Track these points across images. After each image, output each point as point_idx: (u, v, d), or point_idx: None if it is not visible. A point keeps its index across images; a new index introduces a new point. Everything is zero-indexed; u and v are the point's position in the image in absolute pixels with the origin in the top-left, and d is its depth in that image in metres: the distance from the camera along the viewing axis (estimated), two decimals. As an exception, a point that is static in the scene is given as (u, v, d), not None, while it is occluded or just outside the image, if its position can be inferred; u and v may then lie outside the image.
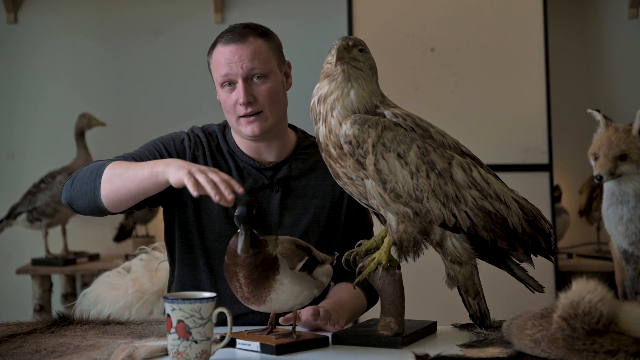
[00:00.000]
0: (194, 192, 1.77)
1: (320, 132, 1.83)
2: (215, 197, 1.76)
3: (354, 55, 1.81)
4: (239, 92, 2.07)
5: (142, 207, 2.10)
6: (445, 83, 3.97)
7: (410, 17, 4.00)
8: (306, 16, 4.38)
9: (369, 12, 4.00)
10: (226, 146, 2.17)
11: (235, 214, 1.69)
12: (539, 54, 3.95)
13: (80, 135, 4.08)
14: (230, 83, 2.08)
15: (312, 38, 4.30)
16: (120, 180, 1.95)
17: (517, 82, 3.96)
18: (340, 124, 1.80)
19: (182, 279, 2.17)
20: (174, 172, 1.84)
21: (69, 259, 4.06)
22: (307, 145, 2.22)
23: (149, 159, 2.07)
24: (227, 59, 2.07)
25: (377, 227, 2.12)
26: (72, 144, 4.11)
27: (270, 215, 2.12)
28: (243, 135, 2.13)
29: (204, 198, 2.00)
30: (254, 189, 2.13)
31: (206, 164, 2.13)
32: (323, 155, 1.85)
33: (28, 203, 4.03)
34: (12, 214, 4.07)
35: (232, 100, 2.08)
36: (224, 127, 2.21)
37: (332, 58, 1.82)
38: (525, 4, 3.98)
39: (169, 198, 2.12)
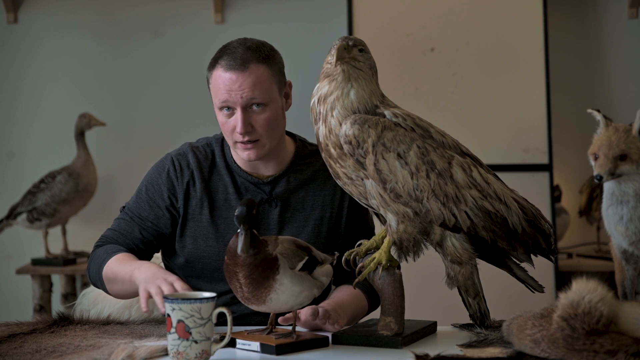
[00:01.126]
0: (143, 309, 1.83)
1: (320, 132, 1.83)
2: (161, 308, 1.76)
3: (354, 55, 1.81)
4: (236, 121, 2.03)
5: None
6: (445, 83, 3.97)
7: (410, 17, 4.00)
8: (306, 16, 4.38)
9: (369, 12, 4.00)
10: (223, 161, 2.15)
11: (236, 214, 1.69)
12: (539, 54, 3.94)
13: (80, 135, 4.08)
14: (229, 108, 2.04)
15: (312, 38, 4.30)
16: (116, 285, 2.02)
17: (517, 82, 3.96)
18: (340, 124, 1.80)
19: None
20: (140, 285, 1.88)
21: (69, 259, 4.06)
22: (306, 154, 2.19)
23: (147, 214, 2.13)
24: (227, 86, 2.02)
25: (377, 227, 2.12)
26: (72, 144, 4.11)
27: (269, 230, 2.11)
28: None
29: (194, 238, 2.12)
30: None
31: (200, 183, 2.13)
32: (323, 155, 1.85)
33: (28, 203, 4.03)
34: (12, 214, 4.07)
35: (229, 126, 2.05)
36: (222, 139, 2.19)
37: (332, 58, 1.82)
38: (525, 4, 3.98)
39: (167, 243, 2.17)
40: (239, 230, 1.69)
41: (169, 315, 1.62)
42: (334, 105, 1.81)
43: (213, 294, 1.67)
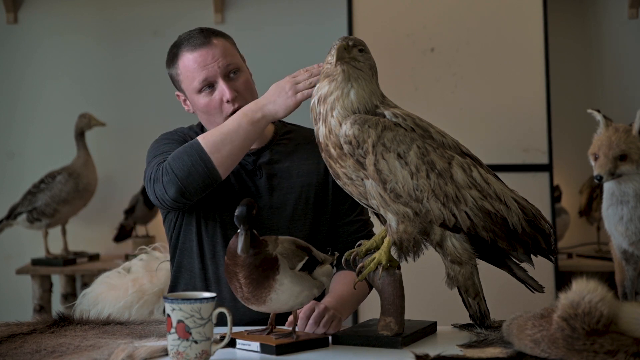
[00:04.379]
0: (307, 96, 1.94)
1: (320, 132, 1.83)
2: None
3: (354, 56, 1.81)
4: (222, 91, 2.11)
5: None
6: (445, 83, 3.97)
7: (410, 17, 4.00)
8: (306, 16, 4.38)
9: (369, 12, 4.00)
10: None
11: (235, 214, 1.69)
12: (539, 54, 3.94)
13: (80, 135, 4.08)
14: (210, 85, 2.12)
15: (312, 38, 4.30)
16: (227, 143, 1.98)
17: (517, 82, 3.96)
18: (340, 124, 1.80)
19: (178, 264, 2.21)
20: (279, 108, 1.98)
21: (68, 259, 4.06)
22: (285, 132, 2.27)
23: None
24: (200, 62, 2.11)
25: (378, 227, 2.12)
26: (72, 144, 4.11)
27: (259, 196, 2.16)
28: None
29: (206, 207, 2.12)
30: (239, 176, 2.16)
31: None
32: (323, 155, 1.85)
33: (28, 203, 4.03)
34: (12, 214, 4.07)
35: (215, 101, 2.12)
36: (201, 127, 2.24)
37: (332, 58, 1.82)
38: (525, 4, 3.98)
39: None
40: (239, 231, 1.69)
41: (169, 315, 1.62)
42: (334, 106, 1.81)
43: (213, 294, 1.67)
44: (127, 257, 3.89)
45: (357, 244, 1.92)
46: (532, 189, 3.87)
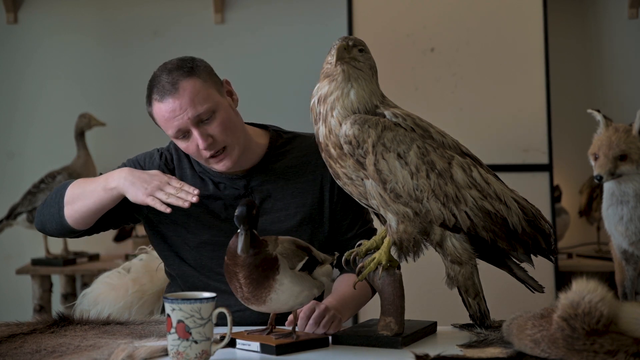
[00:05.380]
0: (166, 211, 1.87)
1: (320, 132, 1.83)
2: (184, 205, 1.86)
3: (354, 55, 1.81)
4: (196, 140, 2.02)
5: (108, 227, 2.15)
6: (445, 83, 3.97)
7: (410, 17, 4.00)
8: (306, 16, 4.38)
9: (369, 12, 4.00)
10: (198, 166, 2.15)
11: (235, 214, 1.69)
12: (539, 54, 3.94)
13: (80, 135, 4.08)
14: (184, 133, 2.03)
15: (312, 38, 4.30)
16: (80, 199, 2.01)
17: (517, 82, 3.96)
18: (340, 124, 1.80)
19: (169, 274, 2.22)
20: (131, 191, 1.93)
21: (68, 259, 4.06)
22: (281, 144, 2.18)
23: None
24: (170, 113, 2.01)
25: (377, 228, 2.12)
26: (72, 144, 4.11)
27: None
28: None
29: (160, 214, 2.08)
30: (231, 199, 2.11)
31: (184, 177, 2.14)
32: (323, 155, 1.85)
33: (28, 203, 4.03)
34: (12, 214, 4.07)
35: (193, 147, 2.04)
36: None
37: (332, 58, 1.82)
38: (525, 4, 3.98)
39: (130, 218, 2.15)
40: (239, 231, 1.69)
41: (169, 315, 1.62)
42: (334, 106, 1.80)
43: (213, 294, 1.67)
44: (127, 257, 3.89)
45: (357, 244, 1.92)
46: (532, 189, 3.87)
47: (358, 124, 1.78)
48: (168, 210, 1.88)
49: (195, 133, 2.01)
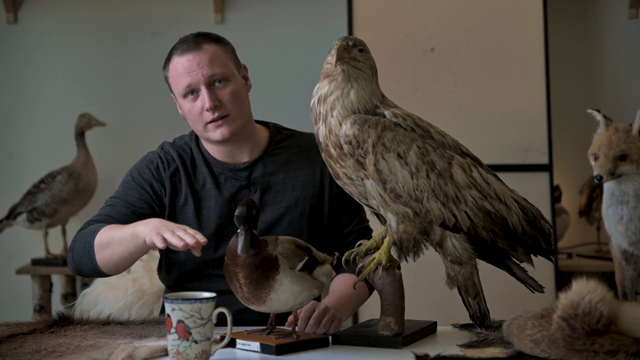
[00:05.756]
0: (159, 245, 1.82)
1: (320, 132, 1.83)
2: (179, 244, 1.79)
3: (354, 55, 1.81)
4: (203, 99, 2.07)
5: None
6: (445, 83, 3.97)
7: (410, 17, 4.00)
8: (306, 16, 4.38)
9: (369, 12, 4.00)
10: (200, 155, 2.17)
11: (235, 214, 1.69)
12: (539, 54, 3.94)
13: (80, 135, 4.08)
14: (193, 91, 2.09)
15: (312, 38, 4.30)
16: (110, 249, 1.97)
17: (517, 82, 3.96)
18: (340, 124, 1.80)
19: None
20: (148, 234, 1.88)
21: (69, 259, 4.06)
22: (280, 139, 2.21)
23: (135, 200, 2.11)
24: (186, 68, 2.08)
25: (377, 228, 2.12)
26: (72, 144, 4.10)
27: None
28: (212, 141, 2.13)
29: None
30: (233, 192, 2.13)
31: (185, 177, 2.14)
32: (323, 155, 1.85)
33: (28, 203, 4.03)
34: (12, 214, 4.07)
35: (197, 109, 2.08)
36: (197, 136, 2.21)
37: (332, 58, 1.82)
38: (525, 4, 3.98)
39: None
40: (239, 231, 1.69)
41: (169, 315, 1.62)
42: (334, 106, 1.80)
43: (213, 294, 1.67)
44: (127, 257, 3.88)
45: (357, 244, 1.92)
46: (532, 189, 3.87)
47: (358, 124, 1.78)
48: (161, 245, 1.83)
49: (204, 92, 2.07)
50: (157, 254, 2.46)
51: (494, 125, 3.94)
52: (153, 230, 1.85)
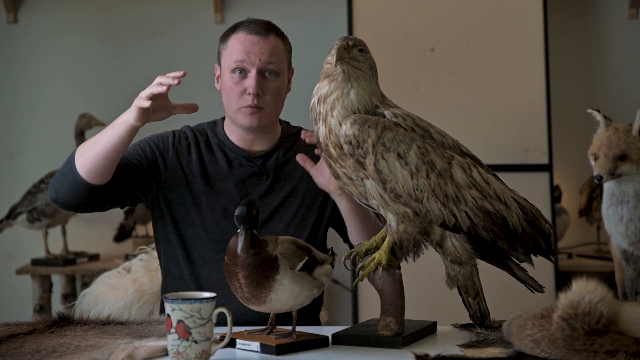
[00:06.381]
0: (146, 104, 1.93)
1: (320, 132, 1.83)
2: (163, 89, 1.91)
3: (354, 56, 1.81)
4: (250, 82, 2.12)
5: (117, 203, 2.14)
6: (445, 83, 3.97)
7: (410, 17, 4.00)
8: (306, 16, 4.38)
9: (369, 12, 4.00)
10: (216, 139, 2.24)
11: (236, 214, 1.69)
12: (539, 54, 3.95)
13: (80, 135, 4.07)
14: (242, 70, 2.13)
15: (313, 38, 4.30)
16: (92, 148, 2.00)
17: (517, 82, 3.96)
18: (340, 124, 1.80)
19: (166, 270, 2.23)
20: (129, 113, 1.96)
21: (68, 259, 4.06)
22: (291, 133, 2.29)
23: (138, 155, 2.17)
24: (246, 47, 2.12)
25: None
26: (72, 144, 4.10)
27: (260, 200, 2.17)
28: (238, 125, 2.18)
29: (180, 192, 2.15)
30: (244, 177, 2.19)
31: (196, 155, 2.20)
32: (323, 155, 1.85)
33: (28, 203, 4.03)
34: (12, 214, 4.07)
35: (240, 88, 2.14)
36: (214, 123, 2.28)
37: (332, 58, 1.82)
38: (525, 4, 3.98)
39: (147, 192, 2.18)
40: (239, 231, 1.69)
41: (169, 315, 1.62)
42: (334, 106, 1.81)
43: (213, 294, 1.67)
44: (127, 257, 3.89)
45: (357, 243, 1.92)
46: (532, 189, 3.87)
47: (358, 124, 1.78)
48: (147, 104, 1.92)
49: (253, 76, 2.11)
50: (156, 254, 2.46)
51: (494, 125, 3.94)
52: (133, 106, 1.94)
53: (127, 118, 1.98)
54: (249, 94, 2.12)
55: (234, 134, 2.22)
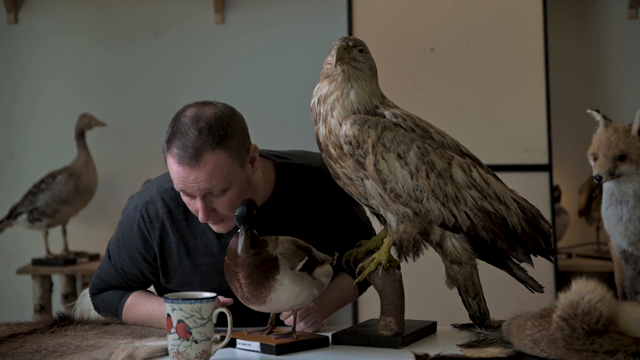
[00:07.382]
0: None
1: (320, 132, 1.83)
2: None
3: (354, 56, 1.81)
4: (197, 206, 1.86)
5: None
6: (445, 83, 3.97)
7: (410, 17, 4.00)
8: (306, 17, 4.38)
9: (369, 13, 4.00)
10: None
11: (236, 214, 1.69)
12: (539, 54, 3.95)
13: (80, 135, 4.08)
14: (189, 195, 1.87)
15: (312, 39, 4.30)
16: (140, 322, 2.02)
17: (517, 82, 3.96)
18: (340, 125, 1.80)
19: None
20: None
21: (69, 259, 4.06)
22: (289, 180, 2.02)
23: (129, 267, 2.03)
24: (181, 177, 1.82)
25: (377, 228, 2.12)
26: (72, 144, 4.11)
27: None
28: None
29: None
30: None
31: (174, 235, 1.99)
32: (323, 155, 1.85)
33: (28, 203, 4.03)
34: (13, 214, 4.07)
35: (192, 207, 1.89)
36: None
37: (332, 58, 1.82)
38: (525, 4, 3.98)
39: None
40: (239, 231, 1.70)
41: (169, 315, 1.63)
42: (334, 106, 1.81)
43: (213, 294, 1.67)
44: (127, 257, 3.89)
45: (357, 244, 1.92)
46: (532, 189, 3.87)
47: (358, 124, 1.78)
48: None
49: (199, 203, 1.85)
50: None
51: (494, 125, 3.94)
52: None
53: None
54: (201, 219, 1.87)
55: None
